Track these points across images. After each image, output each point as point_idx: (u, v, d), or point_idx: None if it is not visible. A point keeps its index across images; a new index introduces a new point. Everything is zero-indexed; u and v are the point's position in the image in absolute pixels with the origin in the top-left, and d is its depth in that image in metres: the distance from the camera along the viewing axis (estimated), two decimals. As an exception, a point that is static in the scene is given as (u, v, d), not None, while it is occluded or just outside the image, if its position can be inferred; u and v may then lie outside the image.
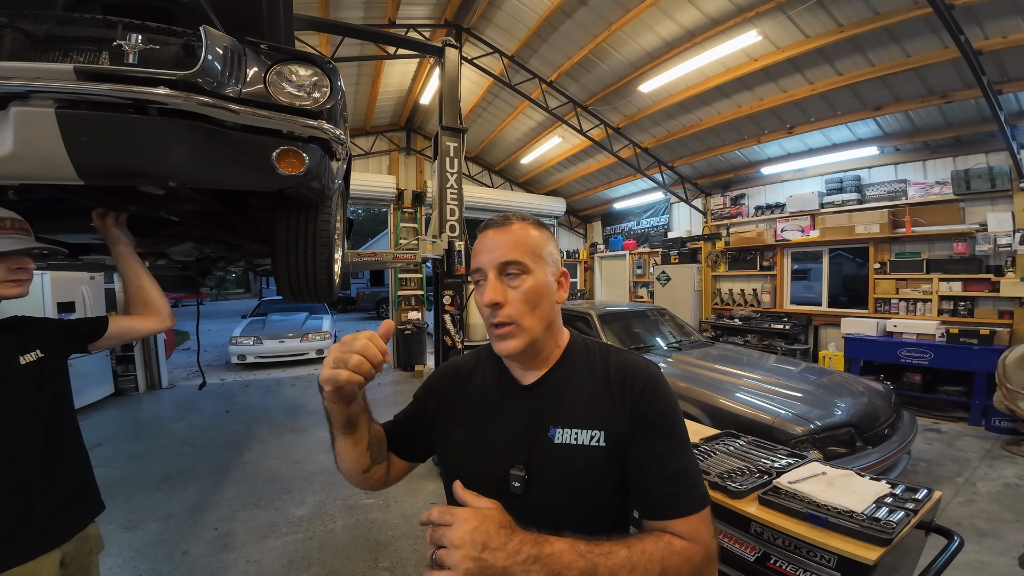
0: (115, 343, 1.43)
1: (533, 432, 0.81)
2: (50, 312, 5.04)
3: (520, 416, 0.82)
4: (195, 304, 3.59)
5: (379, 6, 5.61)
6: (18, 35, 1.07)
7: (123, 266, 1.46)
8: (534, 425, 0.81)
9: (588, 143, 7.30)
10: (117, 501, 3.27)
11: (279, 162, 1.23)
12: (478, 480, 0.76)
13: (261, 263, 2.82)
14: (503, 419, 0.84)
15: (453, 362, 0.98)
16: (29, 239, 1.21)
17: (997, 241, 4.58)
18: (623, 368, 0.82)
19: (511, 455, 0.80)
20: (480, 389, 0.89)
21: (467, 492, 0.71)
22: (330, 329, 8.97)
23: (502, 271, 0.78)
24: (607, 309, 4.80)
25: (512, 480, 0.78)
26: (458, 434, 0.87)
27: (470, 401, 0.88)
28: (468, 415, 0.88)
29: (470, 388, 0.90)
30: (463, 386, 0.90)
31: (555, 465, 0.78)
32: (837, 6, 4.16)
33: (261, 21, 1.79)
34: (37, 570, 1.11)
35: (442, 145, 3.98)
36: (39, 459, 1.17)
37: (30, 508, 1.13)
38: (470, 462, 0.84)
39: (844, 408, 2.88)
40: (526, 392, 0.84)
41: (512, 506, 0.72)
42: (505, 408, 0.85)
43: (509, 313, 0.76)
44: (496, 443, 0.82)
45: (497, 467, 0.80)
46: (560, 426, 0.80)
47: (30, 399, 1.17)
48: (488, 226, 0.83)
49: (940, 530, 1.18)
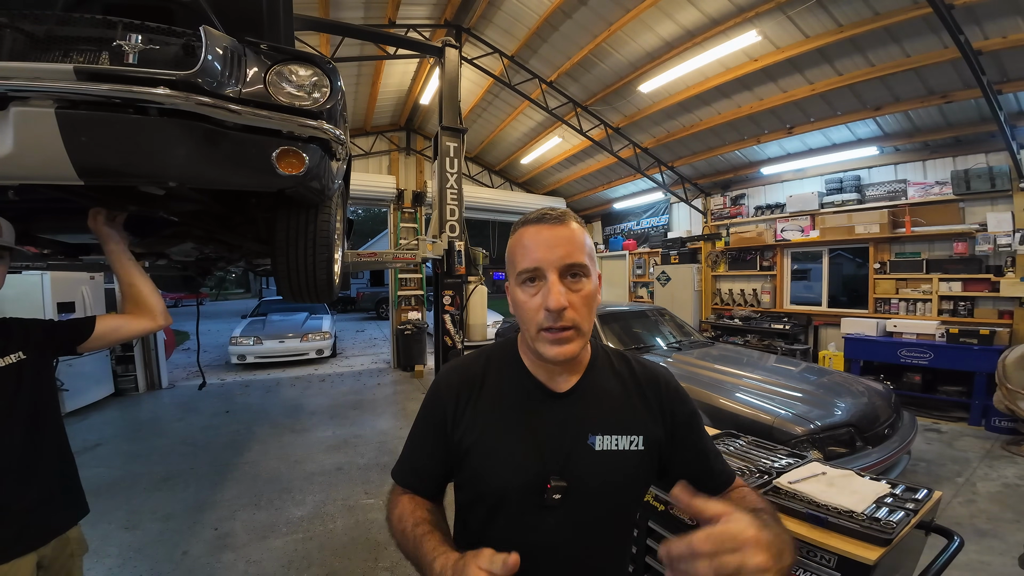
0: (105, 343, 1.40)
1: (570, 440, 0.78)
2: (50, 312, 5.04)
3: (554, 424, 0.79)
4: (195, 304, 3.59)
5: (379, 6, 5.61)
6: (18, 35, 1.07)
7: (115, 264, 1.44)
8: (570, 433, 0.79)
9: (588, 143, 7.30)
10: (117, 501, 3.27)
11: (279, 162, 1.22)
12: (509, 494, 0.76)
13: (261, 263, 2.82)
14: (534, 428, 0.79)
15: (457, 371, 0.87)
16: None
17: (997, 241, 4.58)
18: (651, 374, 0.88)
19: (547, 465, 0.76)
20: (500, 397, 0.82)
21: (705, 501, 0.56)
22: (330, 329, 8.97)
23: (565, 273, 0.73)
24: (607, 309, 4.80)
25: (553, 492, 0.74)
26: (481, 446, 0.79)
27: (489, 411, 0.81)
28: (490, 426, 0.80)
29: (486, 397, 0.82)
30: (477, 396, 0.83)
31: (597, 473, 0.78)
32: (837, 6, 4.16)
33: (261, 21, 1.79)
34: (11, 572, 1.10)
35: (442, 145, 3.98)
36: (14, 461, 1.15)
37: (3, 510, 1.12)
38: (500, 475, 0.77)
39: (844, 408, 2.88)
40: (559, 399, 0.81)
41: (547, 517, 0.75)
42: (536, 416, 0.80)
43: (572, 317, 0.72)
44: (530, 453, 0.77)
45: (532, 479, 0.76)
46: (600, 433, 0.79)
47: (6, 401, 1.16)
48: (541, 220, 0.75)
49: (940, 530, 1.18)
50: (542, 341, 0.74)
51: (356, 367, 8.44)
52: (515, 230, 0.79)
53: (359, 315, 18.46)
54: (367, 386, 6.94)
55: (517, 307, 0.77)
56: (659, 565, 1.53)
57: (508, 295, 0.80)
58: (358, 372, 8.01)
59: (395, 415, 5.49)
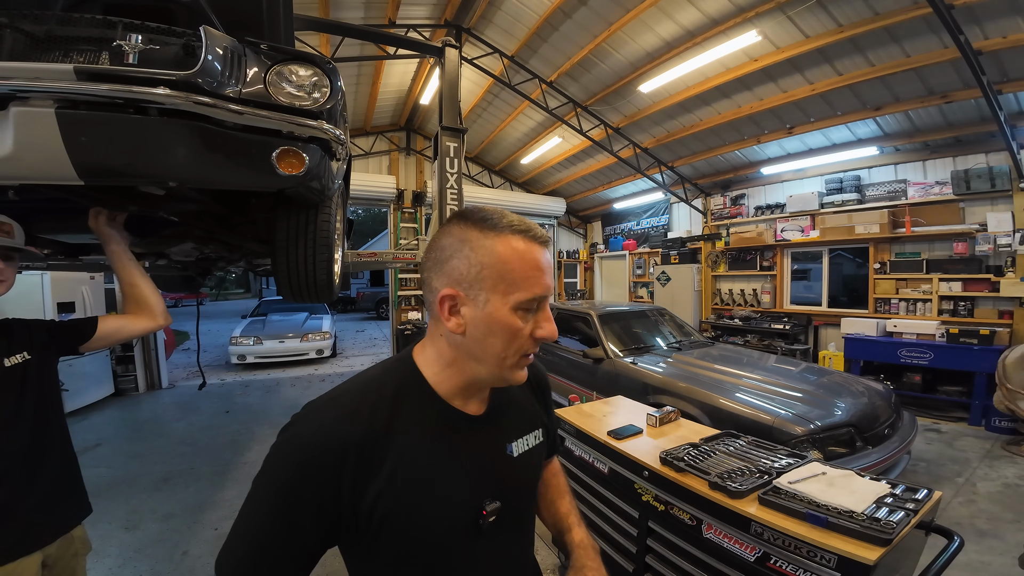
0: (107, 343, 1.41)
1: (492, 458, 0.76)
2: (50, 312, 5.04)
3: (477, 448, 0.74)
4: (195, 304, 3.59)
5: (379, 6, 5.62)
6: (18, 35, 1.07)
7: (116, 264, 1.45)
8: (491, 450, 0.76)
9: (588, 143, 7.30)
10: (117, 501, 3.27)
11: (279, 162, 1.22)
12: (444, 539, 0.68)
13: (261, 263, 2.81)
14: (460, 461, 0.71)
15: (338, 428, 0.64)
16: (9, 240, 1.21)
17: (997, 241, 4.58)
18: (534, 371, 0.87)
19: (479, 492, 0.71)
20: (418, 442, 0.68)
21: None
22: (330, 329, 8.97)
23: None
24: (607, 309, 4.80)
25: (488, 516, 0.70)
26: (405, 506, 0.65)
27: (409, 462, 0.66)
28: (413, 478, 0.66)
29: (397, 449, 0.66)
30: (383, 450, 0.65)
31: (519, 477, 0.80)
32: (837, 6, 4.16)
33: (261, 21, 1.79)
34: (17, 571, 1.11)
35: (442, 145, 3.98)
36: (19, 461, 1.16)
37: (9, 510, 1.12)
38: (433, 526, 0.67)
39: (844, 408, 2.88)
40: (478, 421, 0.75)
41: (479, 544, 0.71)
42: (460, 448, 0.72)
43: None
44: (461, 489, 0.70)
45: (467, 512, 0.70)
46: (514, 439, 0.80)
47: (11, 401, 1.16)
48: (539, 240, 0.67)
49: (940, 530, 1.18)
50: (517, 368, 0.69)
51: (356, 367, 8.44)
52: (497, 232, 0.65)
53: (359, 315, 18.45)
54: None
55: (502, 331, 0.65)
56: (659, 565, 1.53)
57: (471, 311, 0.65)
58: (358, 372, 7.99)
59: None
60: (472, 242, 0.65)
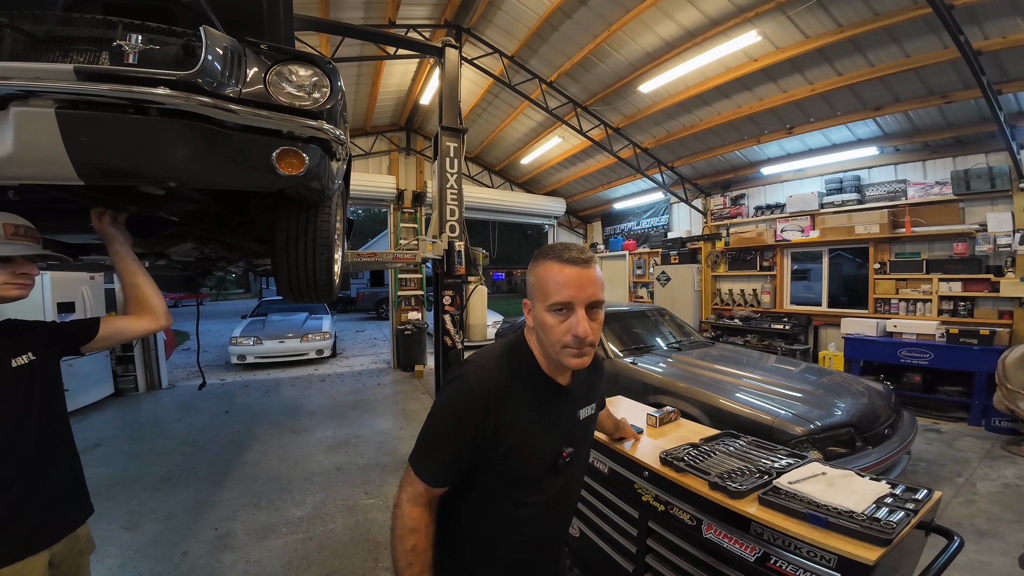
0: (109, 344, 1.41)
1: (570, 418, 1.10)
2: (50, 312, 5.04)
3: (562, 409, 1.08)
4: (195, 304, 3.58)
5: (379, 6, 5.61)
6: (18, 35, 1.07)
7: (119, 265, 1.45)
8: (570, 412, 1.10)
9: (588, 143, 7.30)
10: (117, 501, 3.27)
11: (279, 162, 1.22)
12: (537, 471, 1.02)
13: (261, 263, 2.82)
14: (552, 417, 1.05)
15: (484, 385, 0.96)
16: (37, 247, 1.23)
17: (997, 241, 4.58)
18: (596, 361, 1.19)
19: (561, 441, 1.06)
20: (527, 401, 1.01)
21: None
22: (330, 329, 8.98)
23: (589, 307, 0.93)
24: (607, 309, 4.78)
25: (567, 458, 1.06)
26: (517, 444, 0.97)
27: (523, 412, 0.99)
28: (524, 426, 0.99)
29: (516, 404, 0.98)
30: (510, 403, 0.97)
31: (583, 435, 1.16)
32: (837, 6, 4.16)
33: (261, 21, 1.79)
34: (25, 570, 1.12)
35: (442, 145, 3.98)
36: (28, 461, 1.16)
37: (18, 509, 1.13)
38: (533, 461, 1.01)
39: (844, 408, 2.88)
40: (564, 390, 1.07)
41: (557, 478, 1.06)
42: (552, 407, 1.05)
43: (592, 340, 0.94)
44: (551, 437, 1.04)
45: (554, 453, 1.04)
46: (581, 407, 1.13)
47: (19, 402, 1.17)
48: (574, 262, 0.93)
49: (940, 530, 1.18)
50: (566, 355, 0.95)
51: (356, 367, 8.44)
52: (543, 260, 0.96)
53: (359, 315, 18.45)
54: (367, 386, 6.94)
55: (544, 328, 0.95)
56: (659, 565, 1.53)
57: (532, 314, 1.00)
58: (358, 372, 8.01)
59: (395, 415, 5.49)
60: (532, 268, 1.00)
